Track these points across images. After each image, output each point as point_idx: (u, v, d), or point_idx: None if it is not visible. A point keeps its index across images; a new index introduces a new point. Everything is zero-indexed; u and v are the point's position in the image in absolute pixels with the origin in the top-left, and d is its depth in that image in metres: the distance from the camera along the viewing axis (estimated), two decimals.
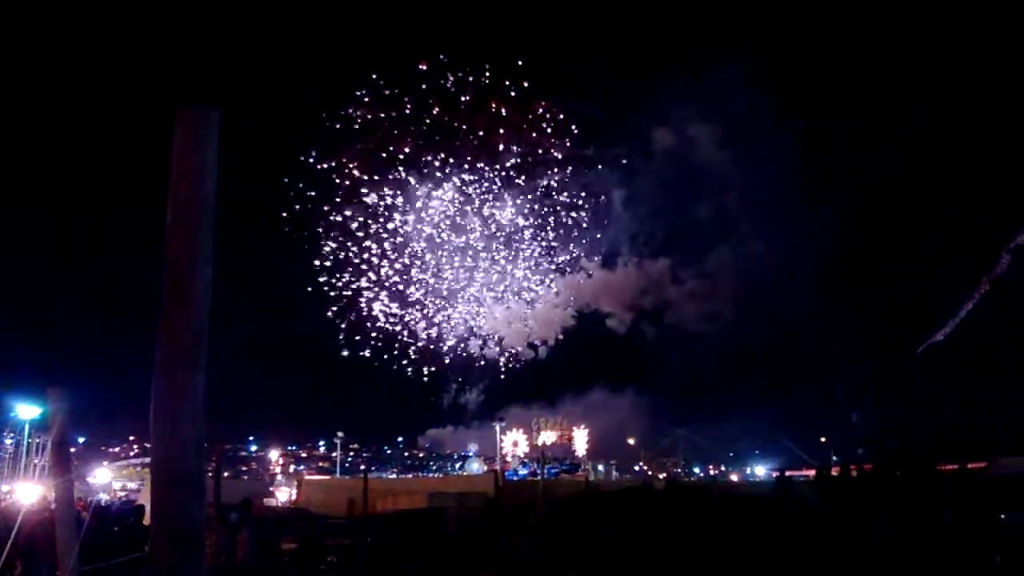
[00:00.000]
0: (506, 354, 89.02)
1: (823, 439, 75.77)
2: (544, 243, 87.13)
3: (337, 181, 78.59)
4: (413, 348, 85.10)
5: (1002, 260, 55.74)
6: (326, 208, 79.28)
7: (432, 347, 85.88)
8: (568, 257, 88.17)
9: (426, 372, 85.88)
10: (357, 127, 77.93)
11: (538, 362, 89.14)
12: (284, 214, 79.01)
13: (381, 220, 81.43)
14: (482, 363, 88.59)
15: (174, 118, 2.81)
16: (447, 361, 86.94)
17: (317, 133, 78.30)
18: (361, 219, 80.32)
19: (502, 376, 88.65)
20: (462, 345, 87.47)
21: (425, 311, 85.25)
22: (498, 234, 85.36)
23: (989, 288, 54.77)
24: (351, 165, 78.84)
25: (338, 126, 77.74)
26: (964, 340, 60.75)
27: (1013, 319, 59.43)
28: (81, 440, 62.88)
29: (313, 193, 78.41)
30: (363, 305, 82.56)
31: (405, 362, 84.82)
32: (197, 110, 2.80)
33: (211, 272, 2.65)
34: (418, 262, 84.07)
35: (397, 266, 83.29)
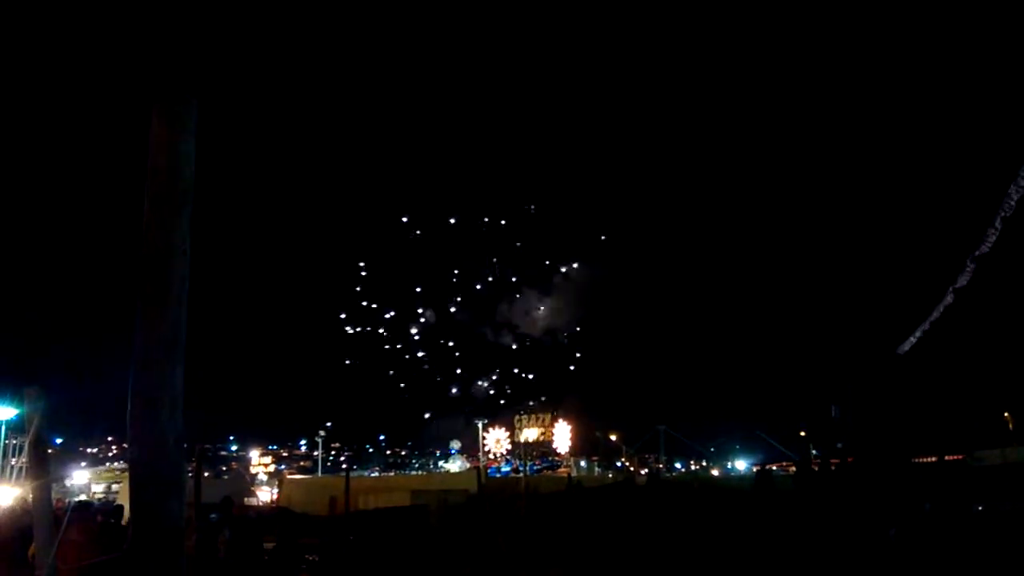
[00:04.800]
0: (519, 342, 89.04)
1: (803, 433, 76.41)
2: None
3: None
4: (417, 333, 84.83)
5: (967, 269, 56.46)
6: None
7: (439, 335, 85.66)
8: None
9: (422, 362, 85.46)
10: None
11: (550, 351, 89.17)
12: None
13: None
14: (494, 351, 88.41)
15: (151, 110, 2.77)
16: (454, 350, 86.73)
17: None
18: None
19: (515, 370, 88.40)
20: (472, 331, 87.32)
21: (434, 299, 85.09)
22: None
23: (952, 298, 55.54)
24: None
25: None
26: (941, 335, 61.49)
27: (988, 317, 60.27)
28: (58, 441, 62.10)
29: None
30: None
31: (410, 355, 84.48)
32: (175, 101, 2.77)
33: (188, 263, 2.62)
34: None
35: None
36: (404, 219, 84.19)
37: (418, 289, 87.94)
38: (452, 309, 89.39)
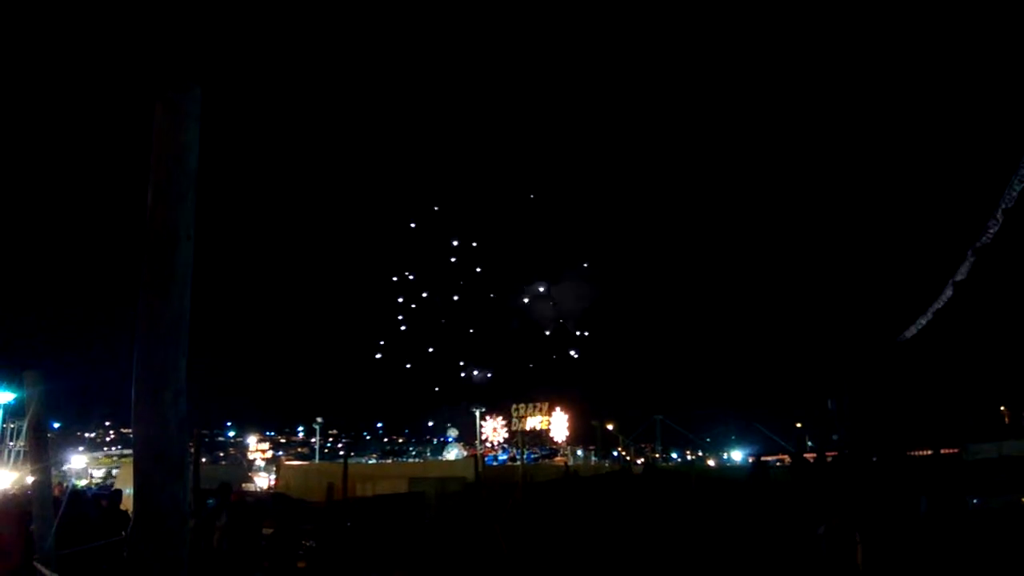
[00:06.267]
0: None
1: (798, 425, 76.73)
2: None
3: None
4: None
5: (966, 261, 56.32)
6: None
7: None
8: None
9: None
10: None
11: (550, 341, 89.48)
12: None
13: None
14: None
15: (155, 97, 2.78)
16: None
17: None
18: None
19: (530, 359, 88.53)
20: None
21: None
22: None
23: (952, 290, 55.46)
24: None
25: None
26: (938, 329, 61.61)
27: (985, 311, 60.42)
28: (56, 426, 62.18)
29: None
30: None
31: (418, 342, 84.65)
32: (178, 89, 2.77)
33: (192, 251, 2.64)
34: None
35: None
36: (405, 206, 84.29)
37: (414, 277, 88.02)
38: (454, 297, 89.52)
